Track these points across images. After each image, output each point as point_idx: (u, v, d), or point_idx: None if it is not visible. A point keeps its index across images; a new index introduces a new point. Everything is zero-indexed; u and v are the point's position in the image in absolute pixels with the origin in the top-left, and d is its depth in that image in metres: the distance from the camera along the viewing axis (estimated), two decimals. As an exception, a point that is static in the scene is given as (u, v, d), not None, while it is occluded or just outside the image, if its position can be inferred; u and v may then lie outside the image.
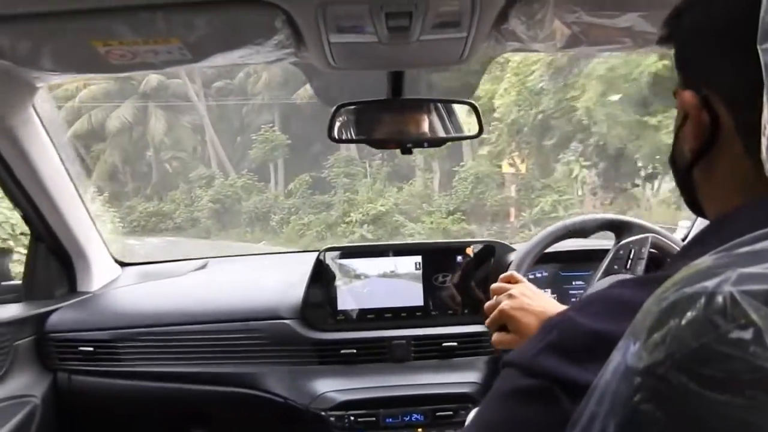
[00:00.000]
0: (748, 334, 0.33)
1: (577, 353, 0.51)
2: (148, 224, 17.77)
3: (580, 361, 0.50)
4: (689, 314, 0.37)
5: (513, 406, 0.55)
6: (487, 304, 1.08)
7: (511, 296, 1.04)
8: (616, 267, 1.46)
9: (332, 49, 1.08)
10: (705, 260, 0.41)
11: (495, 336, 1.04)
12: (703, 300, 0.36)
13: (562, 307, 0.87)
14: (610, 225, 1.58)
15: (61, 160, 1.64)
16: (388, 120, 1.42)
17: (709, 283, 0.37)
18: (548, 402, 0.51)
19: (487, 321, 1.06)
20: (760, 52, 0.43)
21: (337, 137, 1.38)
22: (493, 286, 1.10)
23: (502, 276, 1.14)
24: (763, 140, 0.43)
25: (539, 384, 0.52)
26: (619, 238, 1.52)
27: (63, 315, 1.73)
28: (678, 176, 0.65)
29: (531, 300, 1.02)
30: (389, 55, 1.14)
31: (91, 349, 1.67)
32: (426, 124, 1.44)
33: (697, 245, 0.57)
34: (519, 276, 1.11)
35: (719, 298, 0.35)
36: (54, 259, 1.81)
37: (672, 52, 0.63)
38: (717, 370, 0.35)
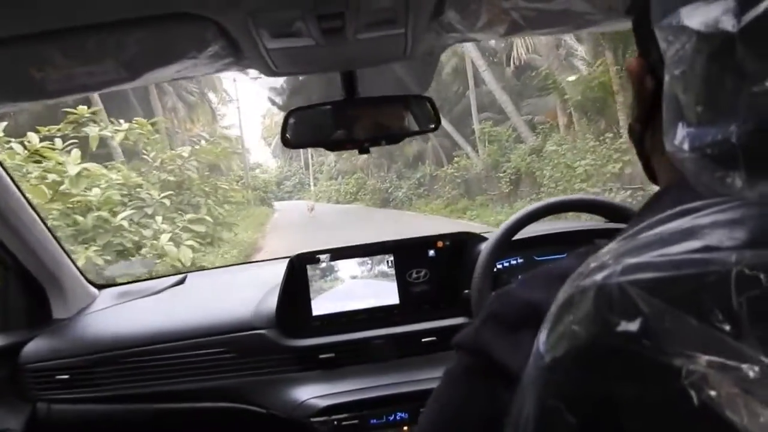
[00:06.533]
0: (635, 326, 0.33)
1: (511, 323, 0.52)
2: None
3: (513, 330, 0.51)
4: (581, 309, 0.36)
5: (459, 386, 0.56)
6: None
7: None
8: None
9: (271, 55, 1.06)
10: (607, 249, 0.40)
11: None
12: (592, 294, 0.36)
13: None
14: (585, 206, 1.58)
15: (19, 189, 1.62)
16: (343, 121, 1.40)
17: (599, 276, 0.36)
18: (487, 380, 0.52)
19: None
20: (655, 30, 0.42)
21: (291, 142, 1.36)
22: None
23: None
24: (663, 115, 0.41)
25: (479, 361, 0.53)
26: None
27: (38, 344, 1.71)
28: (635, 145, 0.65)
29: None
30: (330, 56, 1.13)
31: (67, 376, 1.65)
32: (382, 121, 1.42)
33: (633, 224, 0.57)
34: None
35: (607, 291, 0.35)
36: (26, 288, 1.79)
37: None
38: (612, 365, 0.34)
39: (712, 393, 0.30)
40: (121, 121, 7.77)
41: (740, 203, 0.36)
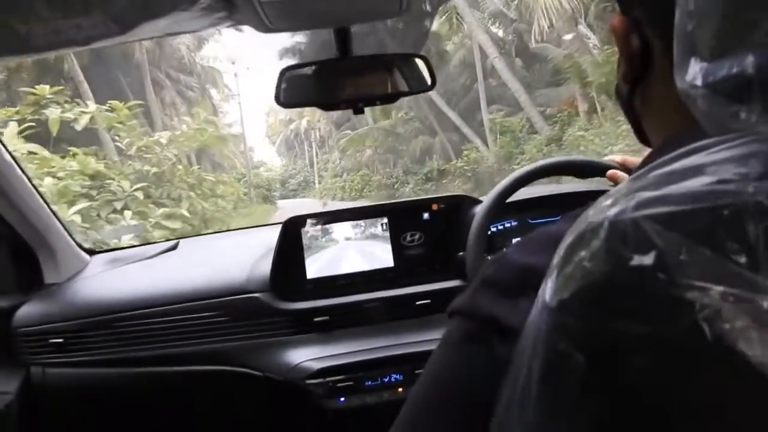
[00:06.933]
0: (649, 260, 0.32)
1: (508, 288, 0.51)
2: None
3: (511, 295, 0.50)
4: (593, 246, 0.35)
5: (457, 352, 0.55)
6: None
7: None
8: None
9: (265, 9, 1.04)
10: (615, 189, 0.39)
11: None
12: (604, 230, 0.35)
13: None
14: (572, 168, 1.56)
15: (8, 152, 1.59)
16: (336, 80, 1.37)
17: (611, 212, 0.35)
18: (485, 343, 0.51)
19: None
20: None
21: (284, 101, 1.34)
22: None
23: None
24: (675, 52, 0.41)
25: (476, 325, 0.52)
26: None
27: (30, 308, 1.71)
28: (623, 108, 0.64)
29: None
30: (325, 11, 1.10)
31: (61, 340, 1.65)
32: (377, 80, 1.40)
33: (638, 169, 0.56)
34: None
35: (620, 226, 0.34)
36: (17, 253, 1.78)
37: None
38: (625, 301, 0.34)
39: (726, 326, 0.30)
40: (89, 102, 6.96)
41: (753, 138, 0.35)
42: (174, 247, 2.05)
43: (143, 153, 8.60)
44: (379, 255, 1.71)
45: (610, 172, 1.37)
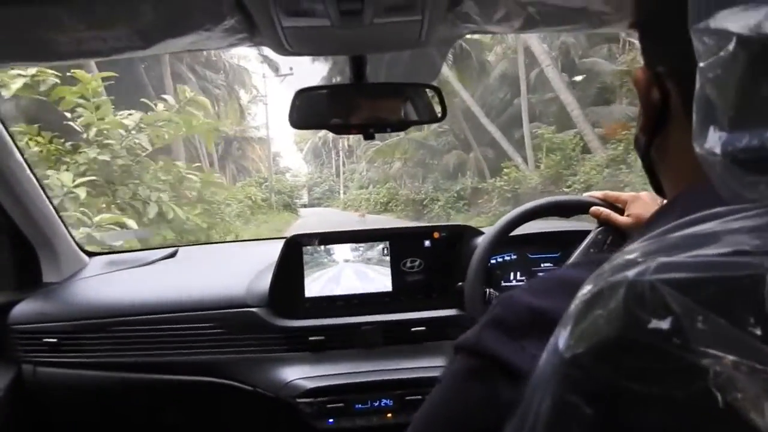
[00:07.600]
0: (666, 324, 0.33)
1: (515, 328, 0.52)
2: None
3: (517, 336, 0.51)
4: (610, 305, 0.36)
5: (459, 387, 0.56)
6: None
7: None
8: (592, 251, 1.43)
9: (285, 34, 1.06)
10: (632, 248, 0.40)
11: None
12: (623, 290, 0.36)
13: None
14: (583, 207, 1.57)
15: (19, 150, 1.60)
16: (349, 105, 1.40)
17: (630, 273, 0.36)
18: (488, 382, 0.51)
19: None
20: (691, 33, 0.42)
21: (297, 122, 1.36)
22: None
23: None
24: (694, 117, 0.41)
25: (481, 363, 0.53)
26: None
27: (26, 306, 1.71)
28: (640, 158, 0.65)
29: None
30: (344, 39, 1.12)
31: (55, 340, 1.65)
32: (389, 108, 1.43)
33: (648, 229, 0.57)
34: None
35: (639, 288, 0.35)
36: (17, 250, 1.79)
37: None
38: (638, 361, 0.34)
39: (738, 395, 0.30)
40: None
41: (767, 210, 0.35)
42: (173, 255, 2.06)
43: (103, 138, 6.46)
44: (378, 278, 1.72)
45: (593, 209, 1.37)
